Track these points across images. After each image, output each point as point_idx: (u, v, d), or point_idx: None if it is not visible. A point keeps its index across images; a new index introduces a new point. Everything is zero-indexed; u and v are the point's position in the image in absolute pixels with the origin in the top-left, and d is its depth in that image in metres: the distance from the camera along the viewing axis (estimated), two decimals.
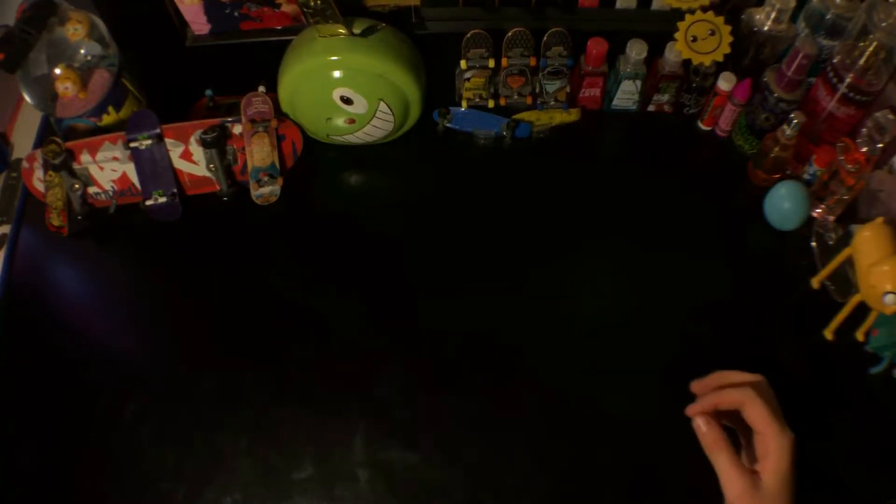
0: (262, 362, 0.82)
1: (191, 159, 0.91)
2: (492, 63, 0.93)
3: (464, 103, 0.98)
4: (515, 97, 0.98)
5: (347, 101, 0.88)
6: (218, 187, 0.93)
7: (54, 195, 0.90)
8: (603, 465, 0.76)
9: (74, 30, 0.88)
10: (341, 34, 0.84)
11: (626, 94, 0.96)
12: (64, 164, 0.88)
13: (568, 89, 0.95)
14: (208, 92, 0.98)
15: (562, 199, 0.93)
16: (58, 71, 0.87)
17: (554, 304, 0.85)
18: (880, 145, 0.81)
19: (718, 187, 0.94)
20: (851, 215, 0.88)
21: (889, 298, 0.73)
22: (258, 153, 0.90)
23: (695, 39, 0.88)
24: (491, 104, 0.98)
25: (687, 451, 0.76)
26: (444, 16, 1.00)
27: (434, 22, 1.00)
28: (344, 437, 0.77)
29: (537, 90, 0.96)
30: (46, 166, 0.89)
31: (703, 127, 0.97)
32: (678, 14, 0.89)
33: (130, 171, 0.91)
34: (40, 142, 0.98)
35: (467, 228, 0.91)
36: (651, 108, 0.98)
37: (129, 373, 0.83)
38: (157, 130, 0.89)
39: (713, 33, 0.88)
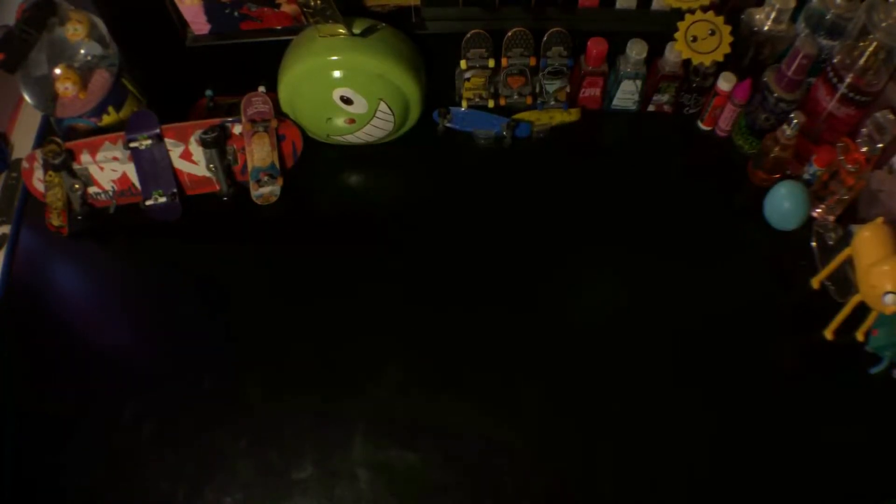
0: (262, 362, 0.82)
1: (191, 159, 0.91)
2: (492, 63, 0.93)
3: (464, 103, 0.98)
4: (515, 97, 0.98)
5: (347, 101, 0.88)
6: (218, 187, 0.93)
7: (54, 195, 0.90)
8: (603, 464, 0.75)
9: (74, 30, 0.88)
10: (341, 34, 0.84)
11: (626, 94, 0.96)
12: (64, 164, 0.88)
13: (568, 89, 0.95)
14: (208, 92, 0.98)
15: (562, 198, 0.93)
16: (58, 71, 0.87)
17: (554, 303, 0.85)
18: (880, 145, 0.81)
19: (718, 187, 0.94)
20: (851, 215, 0.88)
21: (889, 298, 0.73)
22: (258, 153, 0.90)
23: (695, 39, 0.88)
24: (491, 104, 0.98)
25: (687, 450, 0.76)
26: (444, 16, 0.99)
27: (434, 22, 1.00)
28: (344, 437, 0.77)
29: (537, 90, 0.96)
30: (46, 166, 0.89)
31: (703, 127, 0.97)
32: (678, 14, 0.89)
33: (130, 171, 0.91)
34: (40, 142, 0.98)
35: (467, 228, 0.91)
36: (651, 108, 0.98)
37: (129, 373, 0.83)
38: (157, 130, 0.89)
39: (713, 33, 0.88)
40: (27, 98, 0.90)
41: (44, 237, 0.92)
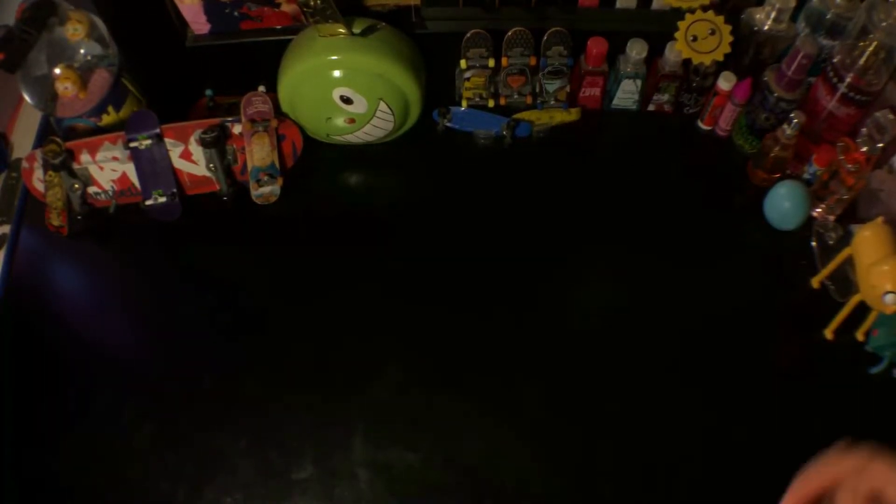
0: (262, 362, 0.82)
1: (191, 159, 0.91)
2: (492, 63, 0.93)
3: (464, 103, 0.98)
4: (515, 97, 0.98)
5: (347, 100, 0.88)
6: (218, 187, 0.93)
7: (54, 195, 0.90)
8: (603, 464, 0.76)
9: (74, 30, 0.88)
10: (341, 34, 0.84)
11: (627, 94, 0.96)
12: (64, 164, 0.88)
13: (568, 89, 0.95)
14: (208, 92, 0.98)
15: (562, 198, 0.93)
16: (58, 71, 0.87)
17: (553, 303, 0.85)
18: (880, 145, 0.81)
19: (718, 187, 0.94)
20: (851, 215, 0.88)
21: (889, 298, 0.73)
22: (258, 153, 0.90)
23: (695, 39, 0.88)
24: (491, 104, 0.98)
25: (686, 449, 0.76)
26: (444, 16, 0.99)
27: (434, 22, 1.00)
28: (344, 437, 0.77)
29: (537, 90, 0.96)
30: (46, 166, 0.89)
31: (703, 127, 0.97)
32: (678, 14, 0.89)
33: (130, 171, 0.91)
34: (40, 142, 0.98)
35: (467, 228, 0.91)
36: (651, 107, 0.98)
37: (129, 373, 0.83)
38: (157, 130, 0.89)
39: (713, 33, 0.88)
40: (27, 98, 0.90)
41: (44, 237, 0.92)
